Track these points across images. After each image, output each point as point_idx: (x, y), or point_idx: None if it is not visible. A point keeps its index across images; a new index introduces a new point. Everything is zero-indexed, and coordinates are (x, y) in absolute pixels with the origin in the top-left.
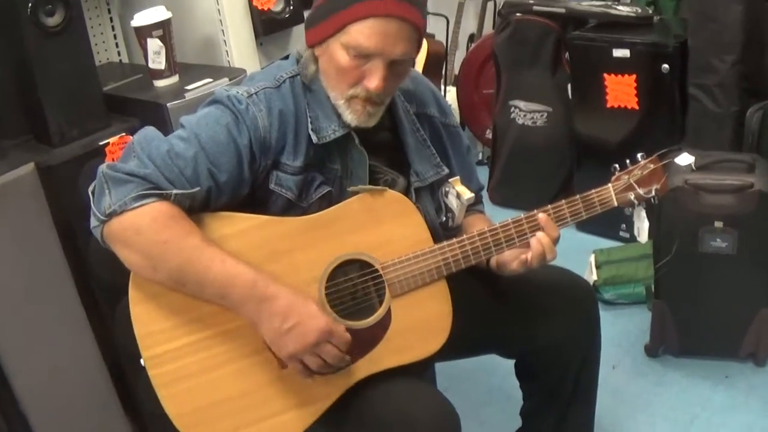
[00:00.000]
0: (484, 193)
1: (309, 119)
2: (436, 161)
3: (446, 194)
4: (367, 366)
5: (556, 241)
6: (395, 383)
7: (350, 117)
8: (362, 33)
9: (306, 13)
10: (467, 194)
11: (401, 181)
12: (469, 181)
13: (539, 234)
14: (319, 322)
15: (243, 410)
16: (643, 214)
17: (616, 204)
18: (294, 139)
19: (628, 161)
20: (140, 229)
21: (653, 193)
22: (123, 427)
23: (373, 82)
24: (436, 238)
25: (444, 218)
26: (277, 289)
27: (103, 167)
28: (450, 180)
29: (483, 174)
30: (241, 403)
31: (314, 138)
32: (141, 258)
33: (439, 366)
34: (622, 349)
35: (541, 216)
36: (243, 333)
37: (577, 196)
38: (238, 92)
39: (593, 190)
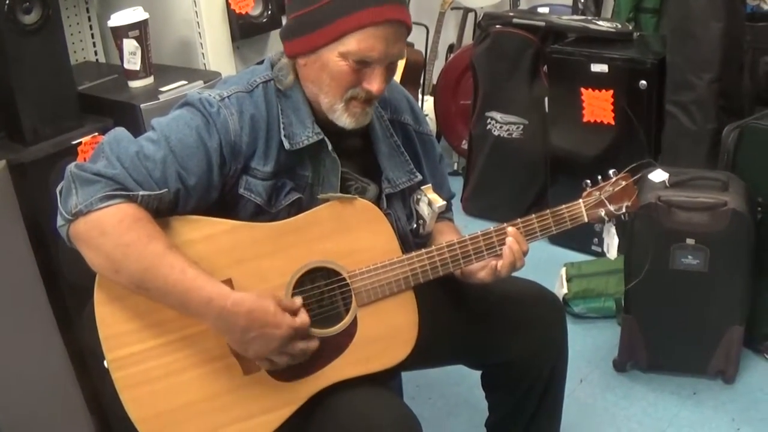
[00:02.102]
0: (458, 203)
1: (282, 125)
2: (409, 168)
3: (418, 201)
4: (331, 374)
5: (524, 254)
6: (359, 392)
7: (347, 120)
8: (364, 41)
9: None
10: (439, 202)
11: (372, 188)
12: (440, 189)
13: (510, 241)
14: (280, 331)
15: (205, 415)
16: (613, 230)
17: (586, 220)
18: (265, 144)
19: (599, 177)
20: (105, 230)
21: (624, 209)
22: (88, 428)
23: (375, 85)
24: (407, 245)
25: (415, 225)
26: (234, 304)
27: (71, 167)
28: (422, 187)
29: (457, 184)
30: (204, 408)
31: (287, 144)
32: (104, 260)
33: (405, 375)
34: (591, 363)
35: (510, 230)
36: (207, 337)
37: (548, 211)
38: (210, 95)
39: (564, 206)
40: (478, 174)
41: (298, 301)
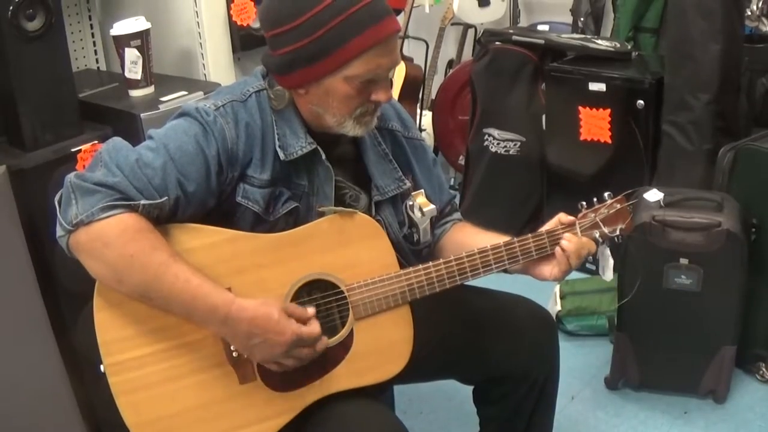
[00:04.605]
0: None
1: (276, 136)
2: (397, 175)
3: (411, 208)
4: (325, 386)
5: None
6: (351, 404)
7: (359, 130)
8: (370, 62)
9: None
10: (429, 206)
11: (363, 197)
12: (440, 192)
13: (563, 243)
14: (284, 337)
15: (200, 422)
16: (608, 252)
17: None
18: (261, 152)
19: (595, 199)
20: (107, 241)
21: (618, 232)
22: None
23: (384, 95)
24: (401, 252)
25: (408, 231)
26: (238, 310)
27: (70, 176)
28: (412, 193)
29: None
30: (199, 416)
31: (281, 155)
32: (107, 270)
33: (397, 389)
34: (583, 381)
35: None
36: (205, 345)
37: (544, 232)
38: (205, 105)
39: (560, 227)
40: (475, 190)
41: (311, 310)
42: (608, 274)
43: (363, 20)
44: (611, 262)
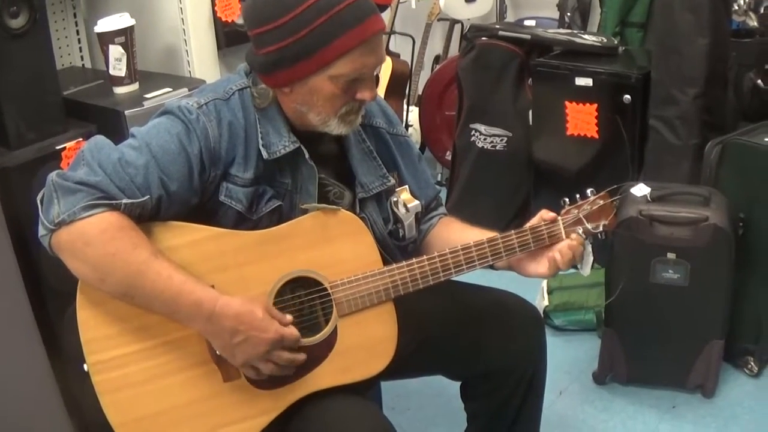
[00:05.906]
0: None
1: (259, 134)
2: (381, 172)
3: (395, 204)
4: (310, 383)
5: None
6: (336, 401)
7: (343, 129)
8: (355, 62)
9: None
10: (413, 202)
11: (347, 194)
12: (425, 187)
13: (557, 256)
14: (268, 335)
15: (185, 421)
16: (589, 248)
17: (564, 237)
18: (244, 151)
19: (578, 196)
20: (89, 240)
21: (601, 228)
22: None
23: (369, 94)
24: (386, 248)
25: (393, 227)
26: (223, 306)
27: (52, 175)
28: (397, 189)
29: (441, 196)
30: (184, 414)
31: (264, 153)
32: (89, 269)
33: (384, 385)
34: (571, 376)
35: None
36: (188, 343)
37: (527, 228)
38: (188, 103)
39: (543, 224)
40: (462, 185)
41: (290, 317)
42: (586, 270)
43: (347, 19)
44: (591, 258)
